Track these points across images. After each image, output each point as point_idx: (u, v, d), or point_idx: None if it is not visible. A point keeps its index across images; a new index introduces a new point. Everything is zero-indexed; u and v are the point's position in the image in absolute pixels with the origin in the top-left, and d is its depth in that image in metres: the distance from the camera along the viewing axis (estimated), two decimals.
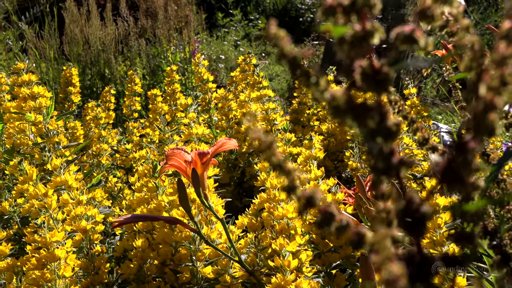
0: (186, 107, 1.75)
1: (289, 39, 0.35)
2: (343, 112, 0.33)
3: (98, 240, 1.26)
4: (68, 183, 1.30)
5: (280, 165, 0.37)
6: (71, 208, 1.25)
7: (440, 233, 1.01)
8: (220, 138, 1.89)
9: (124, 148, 1.92)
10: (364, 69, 0.34)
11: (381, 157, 0.33)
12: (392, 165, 0.33)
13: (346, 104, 0.33)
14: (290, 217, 1.09)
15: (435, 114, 3.57)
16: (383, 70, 0.33)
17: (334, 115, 0.33)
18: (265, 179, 1.19)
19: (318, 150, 1.34)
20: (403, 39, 0.33)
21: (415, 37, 0.33)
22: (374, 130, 0.33)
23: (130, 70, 2.42)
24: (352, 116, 0.33)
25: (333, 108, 0.33)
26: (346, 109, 0.33)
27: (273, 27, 0.35)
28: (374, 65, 0.33)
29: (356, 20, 0.33)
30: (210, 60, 5.11)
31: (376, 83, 0.33)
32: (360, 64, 0.34)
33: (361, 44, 0.33)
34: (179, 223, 1.08)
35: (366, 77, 0.33)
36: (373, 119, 0.33)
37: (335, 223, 0.35)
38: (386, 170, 0.33)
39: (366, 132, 0.33)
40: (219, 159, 1.89)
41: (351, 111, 0.33)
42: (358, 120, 0.33)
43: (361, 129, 0.33)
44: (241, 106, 1.94)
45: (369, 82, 0.33)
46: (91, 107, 2.15)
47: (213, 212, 1.06)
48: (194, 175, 1.01)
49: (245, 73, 2.04)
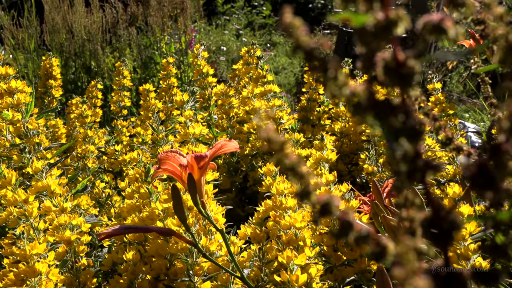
0: (182, 104, 1.76)
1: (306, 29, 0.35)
2: (364, 109, 0.33)
3: (84, 252, 1.26)
4: (51, 188, 1.30)
5: (293, 168, 0.37)
6: (54, 217, 1.25)
7: (465, 245, 1.01)
8: (220, 139, 1.89)
9: (112, 149, 1.92)
10: (387, 62, 0.34)
11: (405, 159, 0.33)
12: (417, 169, 0.33)
13: (367, 101, 0.33)
14: (298, 227, 1.09)
15: (461, 112, 3.56)
16: (408, 63, 0.33)
17: (354, 112, 0.33)
18: (271, 184, 1.20)
19: (330, 152, 1.34)
20: (431, 29, 0.33)
21: (444, 27, 0.33)
22: (398, 130, 0.33)
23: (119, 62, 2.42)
24: (374, 114, 0.33)
25: (353, 105, 0.33)
26: (368, 106, 0.33)
27: (288, 15, 0.35)
28: (398, 58, 0.33)
29: (379, 7, 0.33)
30: (209, 51, 5.12)
31: (400, 77, 0.33)
32: (382, 57, 0.34)
33: (384, 35, 0.33)
34: (173, 235, 1.08)
35: (389, 70, 0.33)
36: (398, 118, 0.33)
37: (354, 233, 0.35)
38: (410, 174, 0.33)
39: (389, 132, 0.33)
40: (219, 163, 1.89)
41: (373, 109, 0.33)
42: (380, 118, 0.33)
43: (383, 128, 0.33)
44: (244, 103, 1.94)
45: (392, 76, 0.33)
46: (76, 104, 2.15)
47: (211, 222, 1.06)
48: (190, 181, 1.01)
49: (249, 66, 2.04)
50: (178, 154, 1.02)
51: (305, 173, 0.37)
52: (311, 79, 2.11)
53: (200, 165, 1.01)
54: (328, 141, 1.38)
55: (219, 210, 1.17)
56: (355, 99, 0.33)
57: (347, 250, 1.18)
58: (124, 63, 2.40)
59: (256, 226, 1.18)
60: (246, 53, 2.06)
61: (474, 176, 0.32)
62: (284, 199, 1.14)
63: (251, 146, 1.92)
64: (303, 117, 2.12)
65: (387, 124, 0.33)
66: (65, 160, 1.97)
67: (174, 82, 2.19)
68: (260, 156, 1.92)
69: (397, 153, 0.33)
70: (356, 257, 1.18)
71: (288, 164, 0.37)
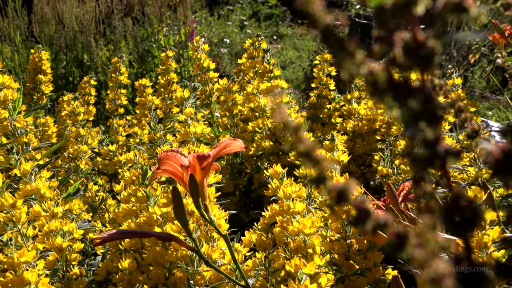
0: (182, 101, 1.77)
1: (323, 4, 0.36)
2: (383, 91, 0.34)
3: (76, 260, 1.27)
4: (41, 192, 1.31)
5: (308, 153, 0.38)
6: (44, 222, 1.26)
7: (487, 253, 1.01)
8: (223, 138, 1.89)
9: (106, 150, 1.93)
10: (406, 43, 0.34)
11: (424, 144, 0.34)
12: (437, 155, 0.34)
13: (386, 82, 0.34)
14: (307, 233, 1.10)
15: (484, 110, 3.56)
16: (428, 44, 0.34)
17: (372, 93, 0.34)
18: (278, 187, 1.20)
19: (341, 153, 1.35)
20: (452, 8, 0.34)
21: (466, 5, 0.34)
22: (417, 113, 0.34)
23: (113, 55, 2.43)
24: (393, 96, 0.34)
25: (371, 85, 0.34)
26: (386, 87, 0.34)
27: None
28: (418, 38, 0.34)
29: None
30: (211, 44, 5.12)
31: (420, 58, 0.34)
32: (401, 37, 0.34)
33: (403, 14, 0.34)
34: (174, 240, 1.08)
35: (408, 51, 0.34)
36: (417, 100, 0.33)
37: (372, 221, 0.36)
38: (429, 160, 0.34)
39: (408, 115, 0.34)
40: (222, 164, 1.90)
41: (392, 90, 0.34)
42: (399, 100, 0.34)
43: (402, 111, 0.34)
44: (248, 99, 1.95)
45: (411, 57, 0.34)
46: (67, 101, 2.16)
47: (214, 227, 1.07)
48: (192, 183, 1.02)
49: (254, 60, 2.05)
50: (179, 153, 1.02)
51: (321, 158, 0.38)
52: (321, 73, 2.11)
53: (203, 165, 1.02)
54: (339, 141, 1.39)
55: (222, 215, 1.18)
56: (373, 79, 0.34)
57: (360, 259, 1.19)
58: (122, 59, 2.41)
59: (262, 233, 1.18)
60: (250, 46, 2.07)
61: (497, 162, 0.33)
62: (292, 203, 1.14)
63: (257, 146, 1.92)
64: (312, 115, 2.13)
65: (406, 107, 0.34)
66: (55, 161, 1.98)
67: (173, 78, 2.20)
68: (266, 157, 1.93)
69: (416, 139, 0.34)
70: (370, 266, 1.18)
71: (303, 149, 0.38)
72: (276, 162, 1.82)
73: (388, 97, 0.34)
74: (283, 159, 1.85)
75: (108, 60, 4.39)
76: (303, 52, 6.40)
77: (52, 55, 4.21)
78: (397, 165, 1.76)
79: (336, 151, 1.35)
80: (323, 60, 2.12)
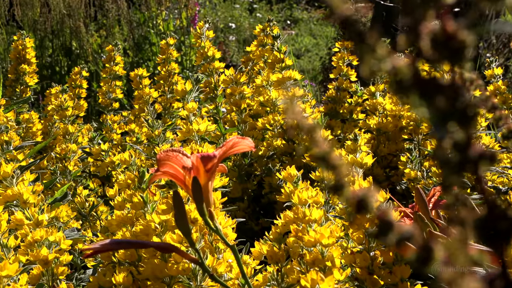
0: (184, 94, 1.77)
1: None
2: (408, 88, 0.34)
3: (63, 274, 1.27)
4: (23, 197, 1.31)
5: (324, 157, 0.38)
6: (28, 231, 1.26)
7: None
8: (230, 136, 1.89)
9: (98, 149, 1.94)
10: (434, 34, 0.34)
11: (455, 147, 0.34)
12: (468, 158, 0.34)
13: (411, 78, 0.34)
14: (325, 244, 1.10)
15: None
16: (459, 35, 0.34)
17: (396, 91, 0.34)
18: (292, 192, 1.20)
19: (365, 155, 1.35)
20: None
21: None
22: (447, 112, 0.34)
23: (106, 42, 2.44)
24: (420, 93, 0.34)
25: (395, 82, 0.34)
26: (412, 84, 0.34)
27: None
28: (448, 29, 0.34)
29: None
30: (216, 30, 5.13)
31: (450, 51, 0.34)
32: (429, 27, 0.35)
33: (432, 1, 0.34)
34: (174, 252, 1.09)
35: (437, 43, 0.34)
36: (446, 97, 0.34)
37: (395, 233, 0.36)
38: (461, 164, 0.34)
39: (436, 115, 0.34)
40: (228, 165, 1.90)
41: (418, 87, 0.34)
42: (426, 98, 0.34)
43: (430, 110, 0.34)
44: (258, 93, 1.95)
45: (441, 50, 0.34)
46: (55, 94, 2.17)
47: (220, 237, 1.07)
48: (195, 187, 1.02)
49: (265, 47, 2.05)
50: (181, 154, 1.02)
51: (339, 163, 0.38)
52: (341, 63, 2.11)
53: (208, 167, 1.02)
54: (362, 141, 1.39)
55: (229, 223, 1.18)
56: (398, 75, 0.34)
57: (385, 273, 1.19)
58: (117, 47, 2.41)
59: (274, 243, 1.19)
60: (261, 32, 2.07)
61: None
62: (308, 210, 1.15)
63: (267, 145, 1.93)
64: (331, 110, 2.12)
65: (434, 106, 0.34)
66: (40, 162, 1.98)
67: (175, 68, 2.20)
68: (278, 158, 1.93)
69: (446, 141, 0.34)
70: (396, 282, 1.18)
71: (318, 152, 0.39)
72: (290, 163, 1.82)
73: (414, 95, 0.34)
74: (297, 160, 1.86)
75: (99, 47, 4.40)
76: (320, 39, 6.40)
77: (37, 41, 4.21)
78: (427, 168, 1.76)
79: (359, 153, 1.35)
80: (343, 48, 2.12)
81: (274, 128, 1.91)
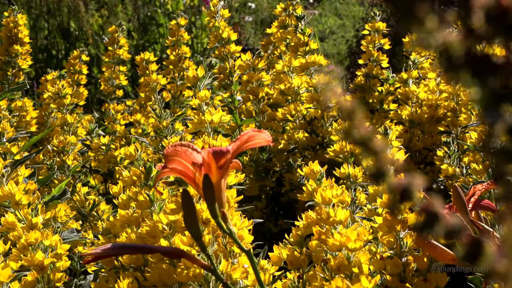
0: (195, 81, 1.77)
1: None
2: (459, 66, 0.34)
3: (61, 281, 1.27)
4: (16, 197, 1.31)
5: (364, 142, 0.38)
6: (20, 234, 1.26)
7: None
8: (246, 128, 1.90)
9: (99, 142, 1.94)
10: (488, 7, 0.34)
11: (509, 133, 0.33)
12: None
13: (463, 55, 0.34)
14: (352, 248, 1.10)
15: None
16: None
17: (447, 68, 0.34)
18: (314, 190, 1.20)
19: (396, 150, 1.34)
20: None
21: None
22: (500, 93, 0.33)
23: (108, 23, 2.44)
24: (472, 72, 0.34)
25: (446, 60, 0.34)
26: (463, 61, 0.34)
27: None
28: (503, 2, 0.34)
29: None
30: (230, 9, 5.12)
31: (505, 26, 0.34)
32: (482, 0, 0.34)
33: None
34: (184, 257, 1.09)
35: (491, 19, 0.34)
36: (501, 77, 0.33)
37: (442, 225, 0.36)
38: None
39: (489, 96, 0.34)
40: (244, 160, 1.91)
41: (470, 65, 0.34)
42: (478, 77, 0.34)
43: (482, 91, 0.34)
44: (278, 80, 1.95)
45: (494, 25, 0.34)
46: (52, 80, 2.17)
47: (235, 240, 1.07)
48: (206, 185, 1.02)
49: (286, 29, 2.04)
50: (191, 148, 1.02)
51: (380, 149, 0.38)
52: (371, 47, 2.10)
53: (220, 163, 1.02)
54: (393, 135, 1.38)
55: (245, 225, 1.18)
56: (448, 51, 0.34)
57: (419, 281, 1.18)
58: (121, 28, 2.41)
59: (295, 247, 1.19)
60: (282, 12, 2.06)
61: None
62: (332, 210, 1.14)
63: (288, 138, 1.92)
64: (359, 99, 2.12)
65: (487, 86, 0.34)
66: (36, 156, 1.99)
67: (186, 52, 2.20)
68: (299, 152, 1.93)
69: (498, 126, 0.34)
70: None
71: (359, 137, 0.38)
72: (313, 158, 1.82)
73: (465, 74, 0.34)
74: (321, 155, 1.85)
75: (101, 29, 4.40)
76: (347, 19, 6.38)
77: (31, 21, 4.22)
78: (467, 164, 1.75)
79: (390, 148, 1.35)
80: (373, 30, 2.11)
81: (296, 119, 1.91)
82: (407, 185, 0.38)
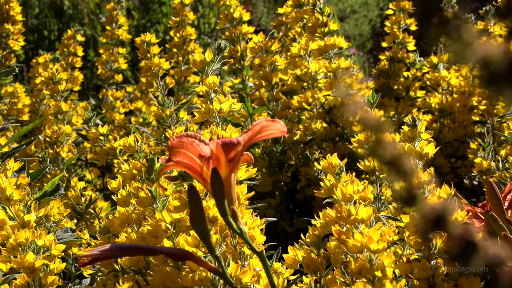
0: (202, 66, 1.76)
1: None
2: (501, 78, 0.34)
3: (54, 285, 1.27)
4: (6, 193, 1.31)
5: (394, 161, 0.38)
6: (10, 233, 1.26)
7: None
8: (259, 118, 1.90)
9: (97, 132, 1.94)
10: None
11: None
12: None
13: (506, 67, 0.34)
14: (374, 250, 1.10)
15: None
16: None
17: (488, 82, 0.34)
18: (333, 186, 1.20)
19: (425, 144, 1.34)
20: None
21: None
22: None
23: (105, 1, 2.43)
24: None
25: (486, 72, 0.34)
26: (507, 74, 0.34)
27: None
28: None
29: None
30: None
31: None
32: None
33: None
34: (189, 259, 1.09)
35: None
36: None
37: (481, 256, 0.36)
38: None
39: None
40: (257, 153, 1.91)
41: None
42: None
43: None
44: (294, 64, 1.95)
45: None
46: (44, 63, 2.16)
47: (246, 240, 1.07)
48: (215, 180, 1.02)
49: (302, 8, 2.03)
50: (198, 140, 1.02)
51: (411, 169, 0.38)
52: (395, 28, 2.10)
53: (230, 156, 1.03)
54: (422, 127, 1.37)
55: (256, 224, 1.19)
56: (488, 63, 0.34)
57: (450, 286, 1.18)
58: (120, 5, 2.40)
59: (311, 248, 1.19)
60: None
61: None
62: (353, 207, 1.14)
63: (304, 128, 1.92)
64: (383, 85, 2.12)
65: None
66: (27, 148, 1.99)
67: (191, 34, 2.20)
68: (317, 144, 1.93)
69: None
70: None
71: (387, 155, 0.38)
72: (331, 151, 1.82)
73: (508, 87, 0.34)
74: (341, 147, 1.85)
75: (97, 7, 4.40)
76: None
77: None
78: (503, 157, 1.75)
79: (418, 141, 1.34)
80: (399, 10, 2.11)
81: (313, 107, 1.91)
82: (441, 212, 0.37)
